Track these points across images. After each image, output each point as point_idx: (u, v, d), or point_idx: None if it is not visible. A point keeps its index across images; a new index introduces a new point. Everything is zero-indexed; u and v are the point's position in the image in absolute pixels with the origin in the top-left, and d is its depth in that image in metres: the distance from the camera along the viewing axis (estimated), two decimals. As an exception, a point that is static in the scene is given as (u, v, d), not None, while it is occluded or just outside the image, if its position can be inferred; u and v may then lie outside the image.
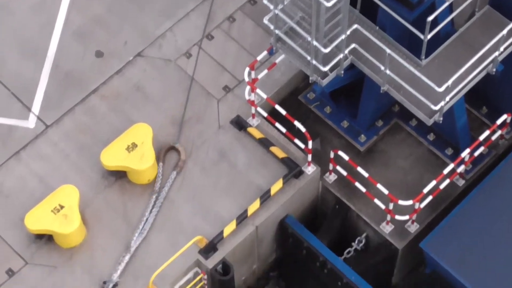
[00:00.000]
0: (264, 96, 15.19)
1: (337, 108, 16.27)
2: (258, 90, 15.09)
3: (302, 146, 15.00)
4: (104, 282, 13.85)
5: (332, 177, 15.45)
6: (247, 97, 15.28)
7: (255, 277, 16.41)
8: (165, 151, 15.05)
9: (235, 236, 14.64)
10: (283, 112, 15.05)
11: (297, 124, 14.76)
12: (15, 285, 14.26)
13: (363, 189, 14.89)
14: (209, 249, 14.33)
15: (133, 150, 14.74)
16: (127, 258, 14.17)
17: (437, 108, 13.58)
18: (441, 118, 13.94)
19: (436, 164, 15.75)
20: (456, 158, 14.94)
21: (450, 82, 13.51)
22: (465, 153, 14.83)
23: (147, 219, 14.48)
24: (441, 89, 13.37)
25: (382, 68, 13.63)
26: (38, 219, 14.34)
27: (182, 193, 15.04)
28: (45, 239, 14.55)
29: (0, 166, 15.22)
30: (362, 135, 15.99)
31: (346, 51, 13.73)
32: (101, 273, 14.48)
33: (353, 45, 13.76)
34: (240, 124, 15.46)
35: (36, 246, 14.55)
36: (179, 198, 14.96)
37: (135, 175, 14.85)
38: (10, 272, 14.27)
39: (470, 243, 14.80)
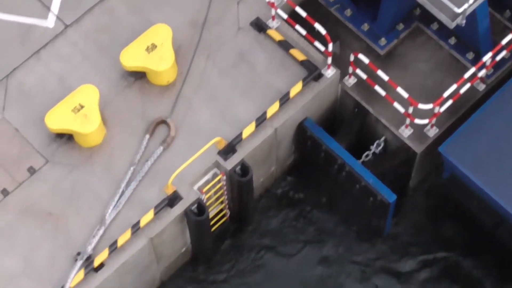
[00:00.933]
0: (285, -3, 14.99)
1: (357, 11, 16.15)
2: (278, -9, 14.88)
3: (322, 48, 14.90)
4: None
5: (351, 81, 15.41)
6: (267, -2, 15.11)
7: (273, 179, 16.58)
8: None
9: (253, 138, 14.71)
10: (303, 14, 14.90)
11: (317, 26, 14.65)
12: (36, 182, 14.40)
13: (383, 93, 14.84)
14: (228, 150, 14.43)
15: (152, 51, 14.68)
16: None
17: (460, 10, 13.42)
18: (464, 21, 13.83)
19: (456, 68, 15.67)
20: (477, 62, 14.88)
21: None
22: (486, 57, 14.72)
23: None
24: None
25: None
26: (59, 118, 14.44)
27: (201, 94, 15.04)
28: (66, 138, 14.67)
29: (19, 65, 15.23)
30: (383, 38, 15.87)
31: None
32: (120, 172, 14.64)
33: None
34: (259, 26, 15.33)
35: (57, 145, 14.67)
36: (198, 99, 14.97)
37: (154, 76, 14.85)
38: (32, 170, 14.40)
39: (488, 148, 14.95)
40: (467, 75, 14.75)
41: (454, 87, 14.58)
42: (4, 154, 14.78)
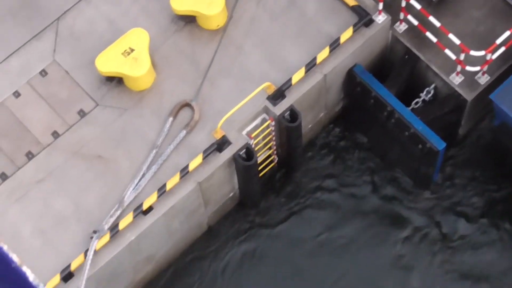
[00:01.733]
0: None
1: None
2: None
3: None
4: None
5: (402, 27, 15.35)
6: None
7: (321, 126, 16.62)
8: None
9: (303, 83, 14.68)
10: None
11: None
12: (86, 125, 14.54)
13: (434, 39, 14.77)
14: (277, 95, 14.42)
15: None
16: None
17: None
18: None
19: (510, 15, 15.50)
20: None
21: None
22: None
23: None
24: None
25: None
26: (109, 62, 14.52)
27: (251, 39, 14.97)
28: (116, 81, 14.76)
29: (70, 8, 15.29)
30: None
31: None
32: (170, 114, 14.64)
33: None
34: None
35: (107, 88, 14.78)
36: (248, 44, 14.90)
37: (204, 20, 14.83)
38: (82, 113, 14.53)
39: None
40: None
41: (507, 33, 14.46)
42: (55, 96, 14.87)
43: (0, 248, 5.58)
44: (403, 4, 14.78)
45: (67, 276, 13.75)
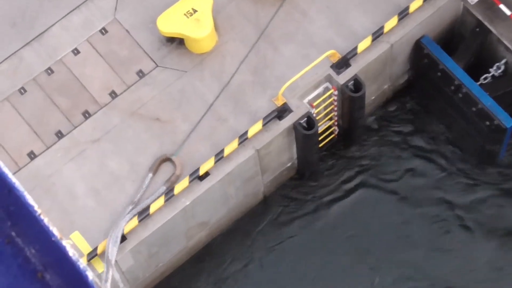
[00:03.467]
0: None
1: None
2: None
3: None
4: None
5: None
6: None
7: (385, 97, 16.59)
8: None
9: (369, 52, 14.61)
10: None
11: None
12: (144, 86, 14.67)
13: (508, 12, 14.64)
14: (342, 64, 14.35)
15: None
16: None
17: None
18: None
19: None
20: None
21: None
22: None
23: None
24: None
25: None
26: (171, 22, 14.66)
27: (315, 5, 14.88)
28: (176, 43, 14.84)
29: None
30: None
31: None
32: (226, 75, 14.73)
33: None
34: None
35: (167, 49, 14.88)
36: (312, 9, 14.85)
37: None
38: (141, 74, 14.64)
39: None
40: None
41: None
42: (114, 56, 15.04)
43: (41, 220, 4.85)
44: None
45: (120, 239, 13.84)
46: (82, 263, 4.96)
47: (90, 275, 4.84)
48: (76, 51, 15.09)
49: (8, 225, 5.39)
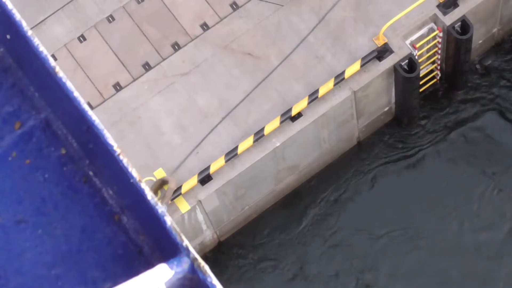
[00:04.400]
0: None
1: None
2: None
3: None
4: None
5: None
6: None
7: (493, 42, 16.15)
8: None
9: None
10: None
11: None
12: (238, 19, 14.56)
13: None
14: (449, 3, 14.09)
15: None
16: None
17: None
18: None
19: None
20: None
21: None
22: None
23: None
24: None
25: None
26: None
27: None
28: None
29: None
30: None
31: None
32: (329, 14, 14.28)
33: None
34: None
35: None
36: None
37: None
38: (234, 5, 14.55)
39: None
40: None
41: None
42: None
43: (120, 160, 4.52)
44: None
45: (205, 178, 13.76)
46: (161, 207, 4.68)
47: (168, 220, 4.57)
48: None
49: (86, 164, 5.08)
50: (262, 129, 13.80)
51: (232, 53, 14.50)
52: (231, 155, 13.89)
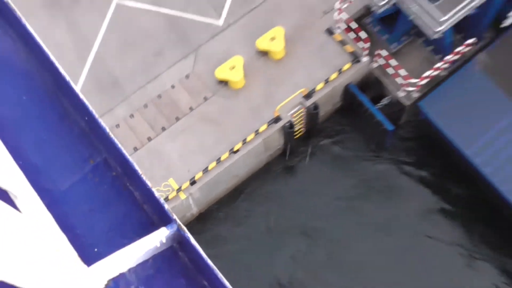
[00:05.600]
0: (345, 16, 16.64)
1: (382, 27, 18.29)
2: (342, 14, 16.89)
3: (364, 46, 16.92)
4: None
5: (375, 64, 17.77)
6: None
7: (329, 114, 18.66)
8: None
9: (322, 91, 17.10)
10: (355, 26, 17.30)
11: (361, 34, 17.35)
12: (208, 105, 17.07)
13: (392, 71, 17.34)
14: (308, 96, 16.89)
15: (272, 41, 17.16)
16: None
17: (437, 30, 15.64)
18: (441, 35, 15.71)
19: (432, 62, 17.76)
20: (443, 60, 17.20)
21: (450, 15, 15.32)
22: (448, 57, 17.10)
23: None
24: (445, 18, 15.30)
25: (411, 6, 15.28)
26: (222, 72, 17.09)
27: (302, 65, 17.31)
28: (224, 83, 17.17)
29: (207, 41, 17.45)
30: (395, 43, 18.10)
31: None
32: (254, 103, 17.03)
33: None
34: (330, 31, 17.61)
35: (220, 86, 17.28)
36: (297, 70, 17.29)
37: (273, 55, 17.24)
38: (206, 98, 17.04)
39: (448, 102, 16.77)
40: (436, 66, 17.08)
41: (429, 72, 17.01)
42: (193, 87, 17.20)
43: (135, 171, 4.84)
44: (376, 52, 17.18)
45: (192, 182, 16.51)
46: (163, 200, 4.93)
47: (165, 205, 4.60)
48: (172, 86, 17.65)
49: (125, 179, 4.97)
50: (220, 157, 16.57)
51: (206, 121, 17.11)
52: (205, 170, 16.56)
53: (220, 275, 4.74)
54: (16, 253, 3.85)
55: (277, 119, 17.28)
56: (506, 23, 17.59)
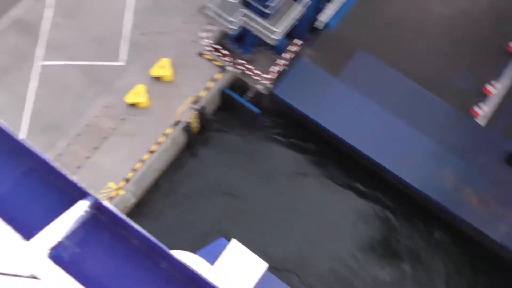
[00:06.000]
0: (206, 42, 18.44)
1: (237, 45, 19.64)
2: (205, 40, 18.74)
3: (227, 59, 18.66)
4: None
5: (237, 69, 18.89)
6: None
7: (212, 113, 19.58)
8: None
9: (204, 97, 18.39)
10: (217, 47, 18.97)
11: (223, 51, 18.83)
12: (125, 124, 18.07)
13: (250, 73, 18.78)
14: (196, 102, 18.19)
15: (161, 68, 18.25)
16: None
17: (276, 38, 17.32)
18: (278, 41, 17.55)
19: (273, 62, 18.98)
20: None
21: (282, 27, 17.11)
22: (285, 56, 18.82)
23: None
24: (279, 30, 17.14)
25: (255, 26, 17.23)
26: (131, 97, 17.86)
27: (187, 80, 18.01)
28: (133, 105, 17.94)
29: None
30: (248, 54, 19.40)
31: (240, 22, 17.37)
32: (158, 120, 17.76)
33: (244, 19, 17.43)
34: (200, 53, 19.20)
35: (130, 108, 17.91)
36: (184, 86, 18.31)
37: (164, 79, 18.40)
38: (122, 119, 17.97)
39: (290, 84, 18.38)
40: (278, 63, 18.72)
41: (274, 68, 18.74)
42: (111, 113, 18.00)
43: (53, 167, 4.41)
44: (236, 62, 18.74)
45: (127, 180, 17.51)
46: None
47: (80, 185, 4.46)
48: (96, 116, 18.01)
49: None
50: (142, 158, 17.41)
51: (126, 136, 17.71)
52: (134, 170, 17.36)
53: (134, 224, 4.82)
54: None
55: (177, 123, 18.56)
56: (319, 25, 19.60)
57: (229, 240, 11.47)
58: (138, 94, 18.41)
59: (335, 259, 17.49)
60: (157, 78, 19.04)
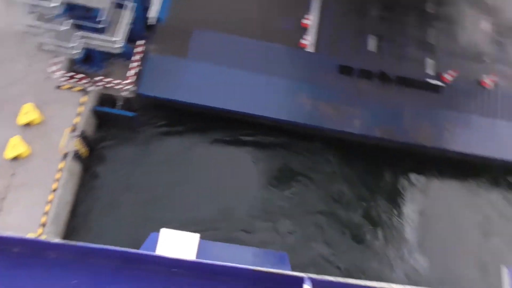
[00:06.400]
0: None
1: (87, 65, 17.58)
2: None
3: (85, 81, 16.74)
4: None
5: (98, 87, 16.76)
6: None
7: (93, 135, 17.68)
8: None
9: (81, 120, 16.27)
10: (79, 76, 16.81)
11: (78, 76, 16.69)
12: (21, 173, 15.35)
13: (111, 84, 16.68)
14: (73, 130, 15.94)
15: (27, 113, 15.63)
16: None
17: (118, 46, 15.76)
18: (123, 48, 16.01)
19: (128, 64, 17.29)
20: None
21: (121, 35, 15.40)
22: (134, 57, 16.95)
23: None
24: (119, 38, 15.43)
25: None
26: (10, 151, 15.21)
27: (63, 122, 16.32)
28: (15, 158, 15.44)
29: None
30: (99, 71, 17.39)
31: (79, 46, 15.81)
32: (36, 166, 15.60)
33: (84, 40, 15.82)
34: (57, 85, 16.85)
35: (14, 161, 15.46)
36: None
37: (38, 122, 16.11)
38: (12, 175, 15.36)
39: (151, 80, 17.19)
40: (130, 66, 16.80)
41: (129, 72, 16.68)
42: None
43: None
44: (94, 80, 16.56)
45: (43, 225, 15.27)
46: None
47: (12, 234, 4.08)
48: None
49: None
50: (48, 199, 15.06)
51: (22, 189, 15.26)
52: (46, 213, 14.89)
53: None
54: None
55: (66, 155, 16.32)
56: (152, 21, 17.84)
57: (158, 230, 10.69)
58: (15, 146, 16.04)
59: (248, 201, 17.02)
60: (27, 124, 16.76)
